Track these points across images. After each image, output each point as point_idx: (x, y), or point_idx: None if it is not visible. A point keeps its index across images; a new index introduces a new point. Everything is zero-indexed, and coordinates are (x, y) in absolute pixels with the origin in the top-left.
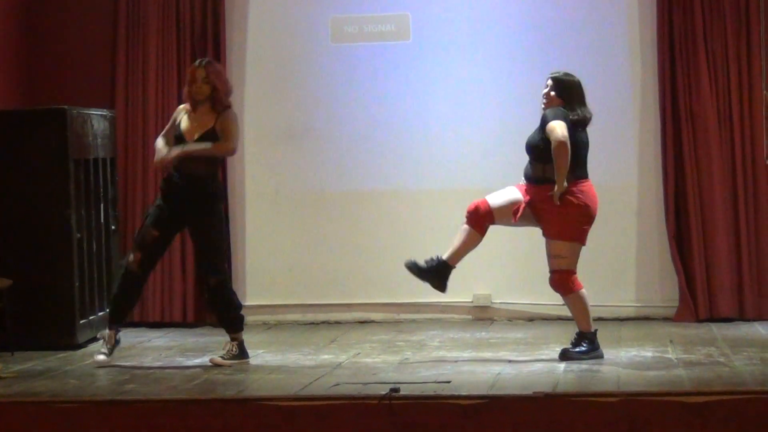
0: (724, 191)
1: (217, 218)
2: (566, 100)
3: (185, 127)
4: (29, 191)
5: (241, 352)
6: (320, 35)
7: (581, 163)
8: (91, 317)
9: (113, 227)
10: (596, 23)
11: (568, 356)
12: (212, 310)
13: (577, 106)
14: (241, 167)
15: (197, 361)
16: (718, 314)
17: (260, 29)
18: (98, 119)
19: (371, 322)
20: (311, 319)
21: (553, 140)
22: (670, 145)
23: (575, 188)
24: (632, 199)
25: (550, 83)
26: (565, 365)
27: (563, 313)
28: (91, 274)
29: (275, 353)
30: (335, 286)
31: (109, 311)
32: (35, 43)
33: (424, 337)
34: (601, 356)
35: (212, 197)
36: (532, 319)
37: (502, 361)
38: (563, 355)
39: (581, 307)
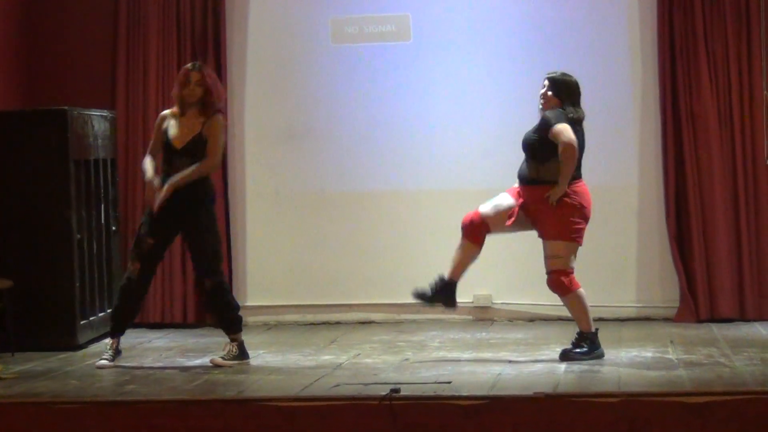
0: (724, 192)
1: (210, 221)
2: (563, 99)
3: (174, 133)
4: (30, 192)
5: (241, 352)
6: (321, 36)
7: (577, 163)
8: (91, 318)
9: (114, 228)
10: (596, 24)
11: (568, 357)
12: (210, 312)
13: (573, 105)
14: (241, 167)
15: (198, 361)
16: (718, 315)
17: (260, 30)
18: (99, 120)
19: (372, 322)
20: (311, 319)
21: (561, 143)
22: (670, 145)
23: (570, 189)
24: (633, 199)
25: (546, 83)
26: (565, 366)
27: (564, 313)
28: (91, 274)
29: (275, 354)
30: (336, 286)
31: (111, 321)
32: (36, 43)
33: (424, 337)
34: (602, 355)
35: (204, 200)
36: (532, 319)
37: (502, 361)
38: (564, 355)
39: (580, 307)
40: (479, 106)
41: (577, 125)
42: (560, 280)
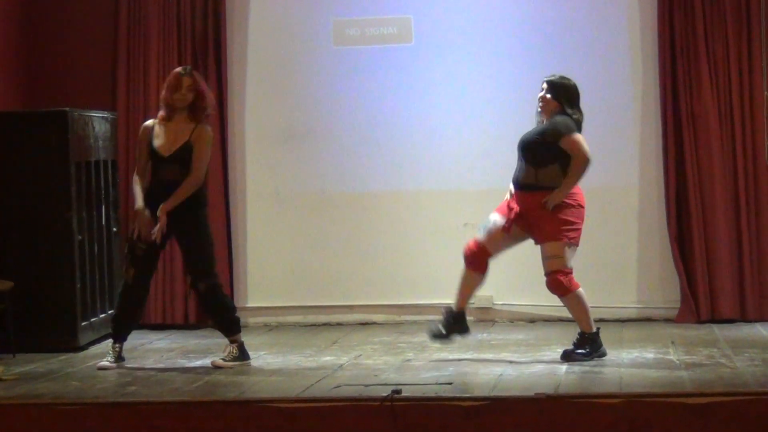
0: (725, 192)
1: (201, 224)
2: (562, 103)
3: (161, 142)
4: (30, 193)
5: (241, 353)
6: (322, 38)
7: None
8: (92, 319)
9: (114, 229)
10: (597, 24)
11: (570, 358)
12: (207, 314)
13: (574, 108)
14: (241, 168)
15: (199, 362)
16: (719, 315)
17: (261, 31)
18: (99, 121)
19: (372, 323)
20: (312, 320)
21: (577, 155)
22: (671, 146)
23: None
24: (633, 200)
25: (545, 86)
26: (566, 366)
27: (565, 314)
28: (92, 276)
29: (276, 355)
30: (336, 287)
31: (112, 327)
32: (36, 44)
33: (425, 338)
34: (604, 354)
35: (194, 203)
36: (533, 320)
37: (503, 362)
38: (565, 356)
39: (581, 307)
40: (479, 107)
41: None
42: (559, 280)
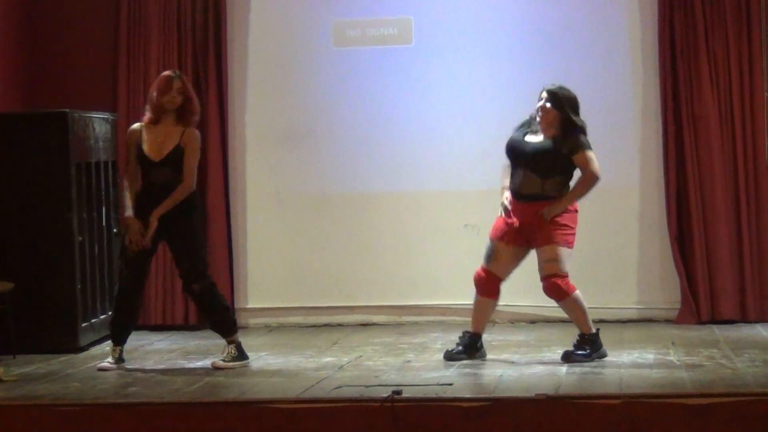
0: (725, 193)
1: (193, 226)
2: (563, 112)
3: (149, 146)
4: (31, 194)
5: (240, 353)
6: (322, 39)
7: None
8: (93, 320)
9: (115, 230)
10: (597, 25)
11: (571, 358)
12: (204, 315)
13: (576, 118)
14: (242, 169)
15: (199, 363)
16: (720, 316)
17: (262, 32)
18: (100, 122)
19: (373, 324)
20: (313, 321)
21: (589, 172)
22: (671, 146)
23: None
24: (634, 200)
25: (545, 95)
26: (567, 367)
27: (565, 315)
28: (93, 277)
29: (277, 356)
30: (337, 288)
31: (110, 332)
32: (36, 45)
33: (426, 339)
34: (605, 355)
35: (187, 206)
36: (534, 321)
37: (504, 363)
38: (566, 357)
39: (579, 310)
40: (480, 107)
41: None
42: (556, 284)
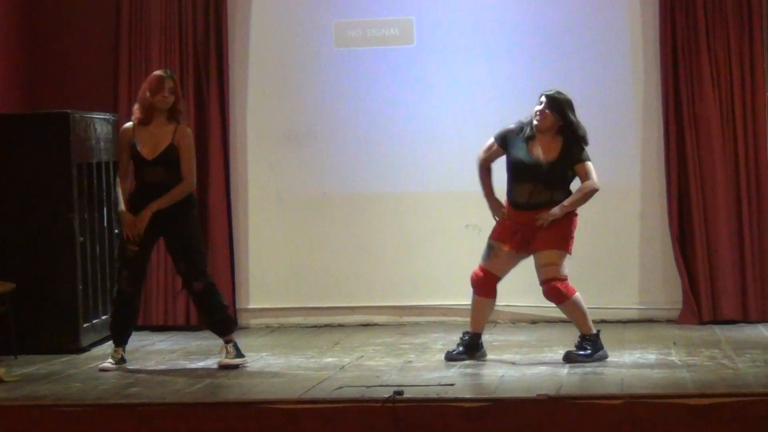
0: (727, 193)
1: (192, 224)
2: (563, 117)
3: (143, 145)
4: (32, 195)
5: (238, 351)
6: (323, 39)
7: None
8: (94, 321)
9: (116, 231)
10: (598, 25)
11: (572, 359)
12: (203, 314)
13: (575, 120)
14: (243, 170)
15: (200, 364)
16: (721, 316)
17: (263, 33)
18: (101, 123)
19: (374, 324)
20: (314, 322)
21: (589, 183)
22: (673, 147)
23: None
24: (635, 201)
25: (544, 101)
26: (568, 368)
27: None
28: (94, 277)
29: (278, 356)
30: (338, 288)
31: (111, 334)
32: (37, 45)
33: (427, 339)
34: (606, 356)
35: (185, 204)
36: (535, 321)
37: (505, 363)
38: (567, 357)
39: (579, 312)
40: (481, 108)
41: None
42: (556, 287)
